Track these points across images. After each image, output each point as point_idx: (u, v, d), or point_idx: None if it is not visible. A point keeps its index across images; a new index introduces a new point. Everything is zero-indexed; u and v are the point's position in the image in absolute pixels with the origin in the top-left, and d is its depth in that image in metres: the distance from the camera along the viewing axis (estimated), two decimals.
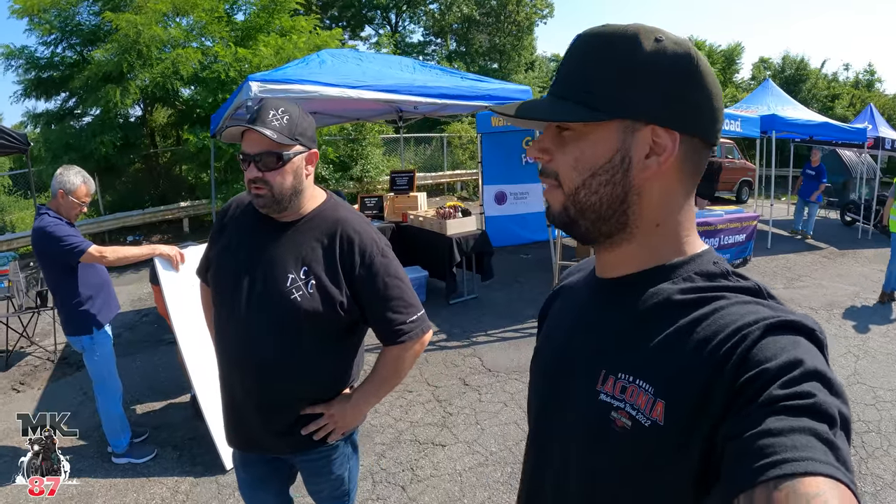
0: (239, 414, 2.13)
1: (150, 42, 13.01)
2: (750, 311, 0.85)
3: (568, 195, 0.98)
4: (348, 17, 31.76)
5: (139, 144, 15.48)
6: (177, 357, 5.13)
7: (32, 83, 14.52)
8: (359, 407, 2.15)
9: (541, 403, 1.17)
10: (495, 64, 31.57)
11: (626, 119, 0.92)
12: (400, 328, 2.05)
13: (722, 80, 34.15)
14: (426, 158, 22.33)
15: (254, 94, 5.34)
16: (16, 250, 12.97)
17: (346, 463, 2.30)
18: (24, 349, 7.47)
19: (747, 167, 19.78)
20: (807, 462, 0.66)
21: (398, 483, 3.99)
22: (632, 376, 0.91)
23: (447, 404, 5.03)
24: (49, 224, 3.93)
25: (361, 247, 2.01)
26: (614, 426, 0.91)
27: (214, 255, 2.17)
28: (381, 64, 7.77)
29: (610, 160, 0.93)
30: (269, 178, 1.91)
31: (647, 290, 0.97)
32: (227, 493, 3.96)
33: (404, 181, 9.35)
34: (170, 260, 4.24)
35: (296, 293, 1.95)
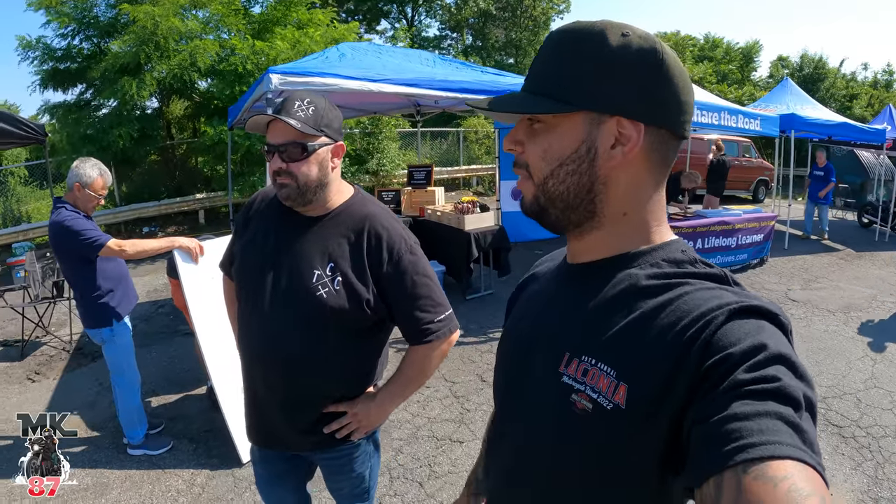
0: (261, 410, 2.10)
1: (167, 34, 13.02)
2: (714, 297, 0.86)
3: (538, 185, 1.00)
4: (364, 10, 31.72)
5: (156, 136, 15.47)
6: (194, 349, 5.13)
7: (49, 74, 14.53)
8: (383, 407, 2.12)
9: (505, 385, 1.19)
10: (511, 59, 31.48)
11: (592, 111, 0.94)
12: (427, 327, 2.01)
13: (739, 77, 33.91)
14: (442, 153, 22.23)
15: (274, 87, 5.31)
16: (32, 240, 13.08)
17: (368, 461, 2.27)
18: (40, 339, 7.50)
19: (764, 166, 19.60)
20: (774, 446, 0.68)
21: (416, 479, 3.97)
22: (594, 359, 0.92)
23: (465, 400, 5.00)
24: (67, 218, 3.91)
25: (389, 243, 1.97)
26: (574, 408, 0.92)
27: (239, 249, 2.13)
28: (400, 57, 7.73)
29: (576, 150, 0.96)
30: (293, 170, 1.88)
31: (614, 275, 0.99)
32: (244, 486, 3.94)
33: (422, 175, 9.33)
34: (189, 252, 4.22)
35: (321, 290, 1.91)
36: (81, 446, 4.64)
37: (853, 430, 4.63)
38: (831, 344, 6.43)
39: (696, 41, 36.10)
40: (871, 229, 13.83)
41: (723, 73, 32.99)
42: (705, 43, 36.16)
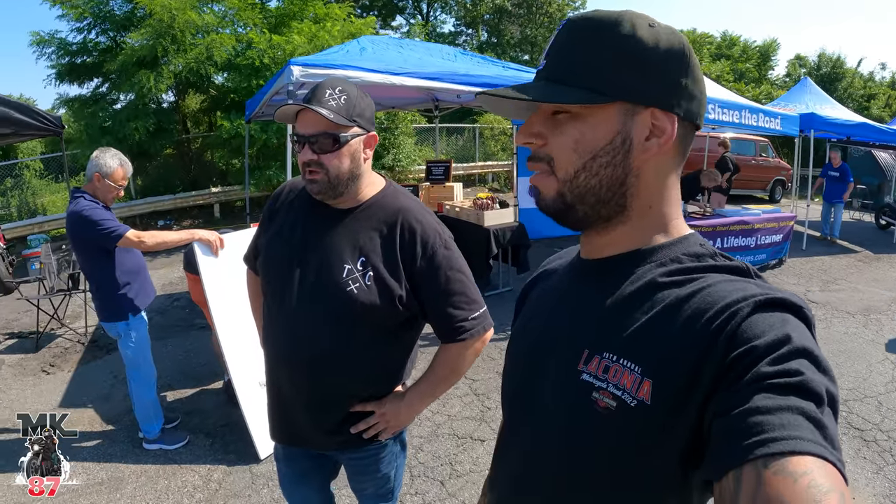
0: (286, 409, 2.04)
1: (184, 27, 13.02)
2: (738, 289, 0.85)
3: (564, 180, 0.97)
4: (379, 6, 31.66)
5: (171, 130, 15.48)
6: (211, 343, 5.09)
7: (65, 68, 14.56)
8: (413, 406, 2.05)
9: (517, 387, 1.16)
10: (526, 55, 31.40)
11: (628, 102, 0.92)
12: (461, 325, 1.94)
13: (757, 76, 33.66)
14: (458, 149, 22.14)
15: (295, 79, 5.27)
16: (47, 233, 13.11)
17: (394, 461, 2.20)
18: (55, 331, 7.50)
19: (781, 166, 19.41)
20: (795, 441, 0.68)
21: (437, 478, 3.91)
22: (616, 356, 0.91)
23: (485, 398, 4.93)
24: (85, 208, 3.86)
25: (423, 238, 1.90)
26: (596, 406, 0.91)
27: (265, 242, 2.06)
28: (421, 51, 7.67)
29: (611, 142, 0.94)
30: (324, 162, 1.80)
31: (635, 270, 0.98)
32: (262, 482, 3.90)
33: (440, 171, 9.28)
34: (209, 245, 4.16)
35: (352, 285, 1.83)
36: (96, 440, 4.61)
37: (874, 433, 4.56)
38: (851, 346, 6.34)
39: (713, 39, 35.82)
40: (889, 231, 13.65)
41: (740, 71, 32.74)
42: (722, 41, 35.90)
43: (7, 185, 15.93)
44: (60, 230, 13.88)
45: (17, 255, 11.05)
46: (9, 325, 8.09)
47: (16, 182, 16.28)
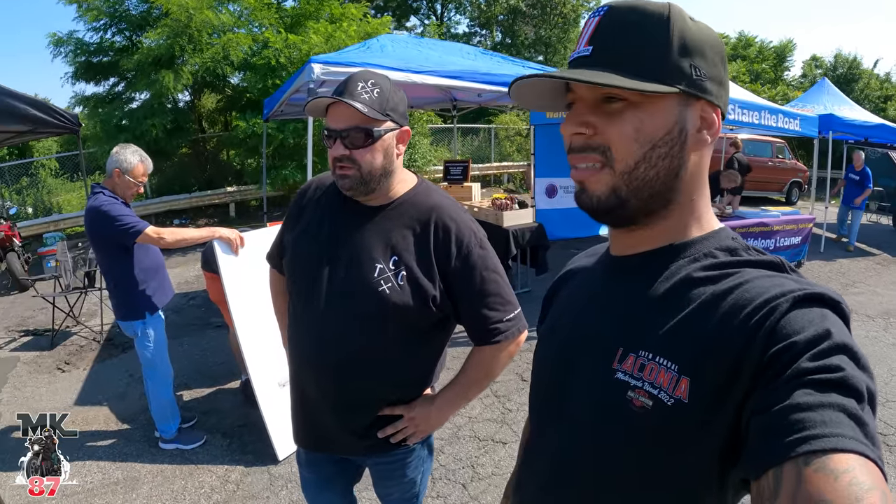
0: (311, 413, 1.97)
1: (200, 27, 13.05)
2: (776, 284, 0.84)
3: (623, 172, 0.93)
4: (393, 6, 31.70)
5: (188, 129, 15.55)
6: (229, 342, 5.05)
7: (82, 67, 14.66)
8: (444, 410, 1.98)
9: (546, 388, 1.14)
10: (541, 56, 31.34)
11: (686, 92, 0.91)
12: (496, 327, 1.87)
13: (773, 77, 33.43)
14: (473, 149, 22.12)
15: (316, 76, 5.23)
16: (63, 230, 13.18)
17: (421, 466, 2.14)
18: (70, 329, 7.50)
19: (798, 168, 19.17)
20: (836, 438, 0.67)
21: (458, 481, 3.84)
22: (652, 354, 0.90)
23: (506, 400, 4.87)
24: (104, 203, 3.81)
25: (458, 236, 1.83)
26: (632, 406, 0.89)
27: (291, 240, 1.98)
28: (441, 50, 7.64)
29: (669, 132, 0.92)
30: (356, 157, 1.73)
31: (669, 266, 0.97)
32: (280, 484, 3.84)
33: (458, 171, 9.23)
34: (229, 243, 4.10)
35: (384, 285, 1.76)
36: (111, 439, 4.58)
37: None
38: (872, 350, 6.23)
39: (729, 39, 35.60)
40: None
41: (756, 72, 32.49)
42: (738, 41, 35.61)
43: (23, 184, 16.04)
44: (76, 228, 13.98)
45: (32, 253, 11.12)
46: (24, 323, 8.09)
47: (31, 181, 16.38)
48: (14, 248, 9.93)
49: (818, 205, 12.84)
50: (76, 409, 5.16)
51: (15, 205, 13.76)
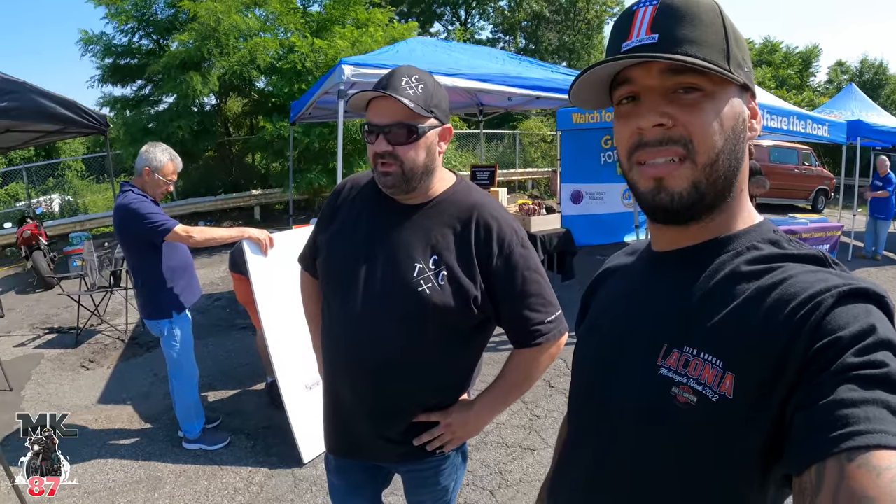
0: (345, 419, 1.91)
1: (228, 30, 13.13)
2: (820, 280, 0.83)
3: (704, 165, 0.91)
4: (417, 12, 31.84)
5: (214, 132, 15.68)
6: (256, 344, 5.03)
7: (109, 69, 14.82)
8: (482, 416, 1.92)
9: (587, 389, 1.13)
10: (564, 62, 31.29)
11: (745, 83, 0.93)
12: (537, 328, 1.80)
13: (798, 83, 33.20)
14: (498, 155, 22.14)
15: (346, 78, 5.22)
16: (88, 231, 13.31)
17: (454, 474, 2.07)
18: (95, 327, 7.54)
19: (824, 175, 18.87)
20: (879, 435, 0.67)
21: (486, 487, 3.78)
22: (696, 349, 0.89)
23: (534, 406, 4.80)
24: (133, 201, 3.80)
25: (500, 235, 1.77)
26: (676, 402, 0.88)
27: (325, 241, 1.93)
28: (470, 54, 7.63)
29: (738, 122, 0.92)
30: (399, 153, 1.68)
31: (713, 260, 0.96)
32: (305, 487, 3.80)
33: (485, 176, 9.19)
34: (259, 244, 4.06)
35: (424, 285, 1.71)
36: (134, 438, 4.58)
37: None
38: None
39: (753, 45, 35.35)
40: None
41: (781, 77, 32.22)
42: (763, 46, 35.38)
43: (49, 185, 16.23)
44: (101, 229, 14.12)
45: (58, 252, 11.23)
46: (49, 321, 8.17)
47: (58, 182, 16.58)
48: (40, 247, 10.07)
49: (845, 213, 12.62)
50: (99, 407, 5.18)
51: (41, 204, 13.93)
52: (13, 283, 10.76)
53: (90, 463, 4.23)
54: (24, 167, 15.84)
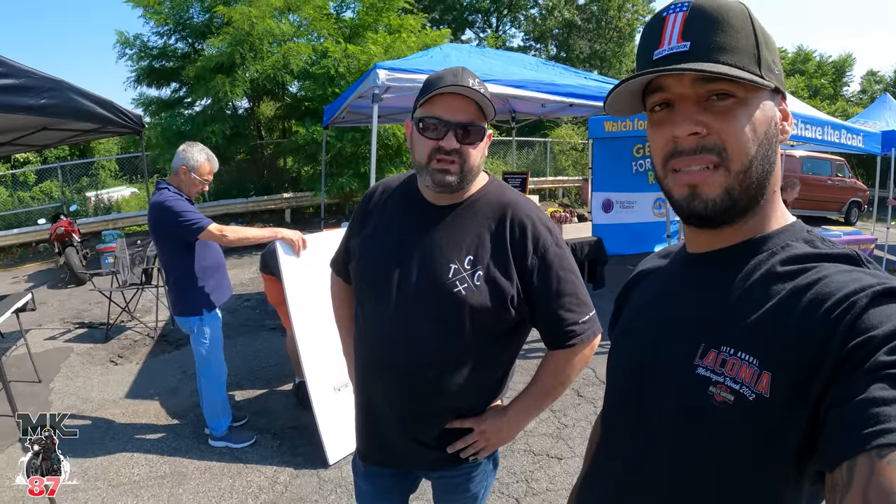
0: (377, 424, 1.90)
1: (262, 35, 13.29)
2: (854, 279, 0.83)
3: (738, 172, 0.92)
4: (449, 20, 31.92)
5: (246, 135, 15.87)
6: (285, 345, 5.04)
7: (145, 71, 15.09)
8: (516, 422, 1.88)
9: (622, 393, 1.13)
10: (596, 70, 31.21)
11: (777, 86, 0.93)
12: (571, 329, 1.76)
13: (832, 92, 32.76)
14: (529, 163, 22.07)
15: (381, 82, 5.25)
16: (121, 229, 13.50)
17: (485, 481, 2.03)
18: (125, 324, 7.64)
19: (857, 187, 18.42)
20: None
21: (512, 495, 3.74)
22: (733, 349, 0.89)
23: (562, 415, 4.76)
24: (168, 199, 3.85)
25: (535, 234, 1.74)
26: (713, 401, 0.89)
27: (358, 245, 1.91)
28: (503, 60, 7.62)
29: (770, 126, 0.93)
30: (466, 152, 1.67)
31: (748, 261, 0.96)
32: (329, 488, 3.80)
33: (517, 183, 9.11)
34: (292, 245, 4.07)
35: (460, 286, 1.68)
36: (161, 433, 4.63)
37: None
38: None
39: (786, 53, 34.94)
40: None
41: (815, 87, 31.80)
42: (796, 55, 34.96)
43: (83, 184, 16.47)
44: (134, 227, 14.30)
45: (91, 249, 11.40)
46: (80, 315, 8.31)
47: (91, 181, 16.83)
48: (73, 244, 10.23)
49: (879, 225, 12.38)
50: (127, 402, 5.24)
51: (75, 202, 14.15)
52: (46, 278, 10.96)
53: (116, 456, 4.28)
54: (59, 165, 16.13)
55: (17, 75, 3.53)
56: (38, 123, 5.83)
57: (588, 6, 31.53)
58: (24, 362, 6.08)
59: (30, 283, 10.54)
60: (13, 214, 14.92)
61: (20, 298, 5.86)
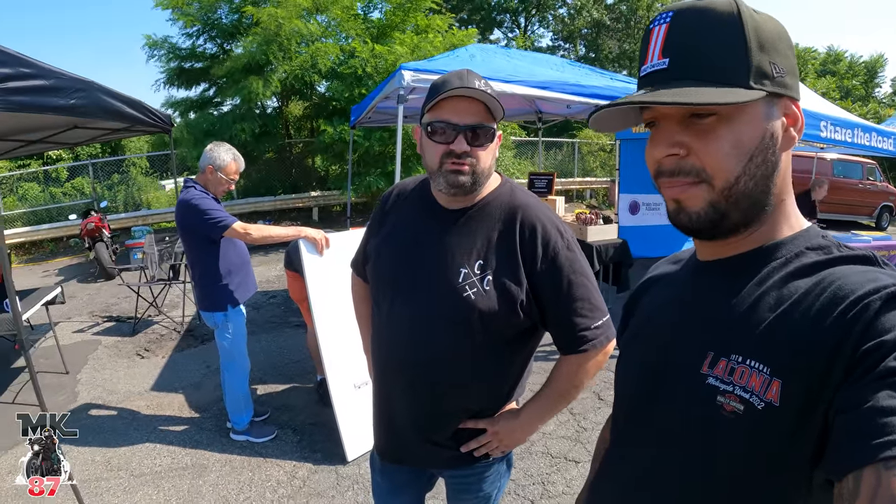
0: (392, 422, 1.92)
1: (290, 35, 13.40)
2: (870, 279, 0.80)
3: (722, 189, 0.90)
4: (477, 20, 31.90)
5: (275, 134, 16.03)
6: (307, 341, 5.09)
7: (174, 72, 15.31)
8: (529, 424, 1.89)
9: (632, 400, 1.12)
10: (625, 70, 31.00)
11: (772, 93, 0.88)
12: (583, 334, 1.76)
13: (864, 93, 32.16)
14: (556, 164, 21.95)
15: (406, 83, 5.25)
16: (150, 226, 13.69)
17: (498, 481, 2.05)
18: (152, 318, 7.78)
19: (889, 191, 17.82)
20: None
21: (528, 497, 3.74)
22: (742, 357, 0.87)
23: (581, 418, 4.74)
24: (195, 196, 3.92)
25: (545, 237, 1.74)
26: (722, 411, 0.87)
27: (374, 247, 1.95)
28: (529, 61, 7.60)
29: (762, 139, 0.89)
30: (477, 155, 1.68)
31: (760, 269, 0.93)
32: (346, 484, 3.83)
33: (543, 184, 9.11)
34: (315, 243, 4.13)
35: (469, 290, 1.70)
36: (183, 425, 4.72)
37: None
38: None
39: (817, 54, 34.37)
40: None
41: (846, 88, 31.16)
42: (827, 56, 34.32)
43: (114, 180, 16.73)
44: (163, 224, 14.49)
45: (120, 245, 11.59)
46: (108, 309, 8.46)
47: (122, 178, 17.09)
48: (103, 239, 10.40)
49: None
50: (151, 394, 5.34)
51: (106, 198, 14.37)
52: (75, 273, 11.17)
53: (139, 447, 4.37)
54: (91, 162, 16.34)
55: (46, 76, 3.61)
56: (68, 122, 5.95)
57: (617, 6, 31.37)
58: (52, 354, 6.21)
59: (60, 277, 10.74)
60: (45, 210, 15.17)
61: (50, 291, 5.99)
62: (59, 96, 3.85)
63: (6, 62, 3.19)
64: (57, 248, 13.90)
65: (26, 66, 3.39)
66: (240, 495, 3.78)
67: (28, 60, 3.42)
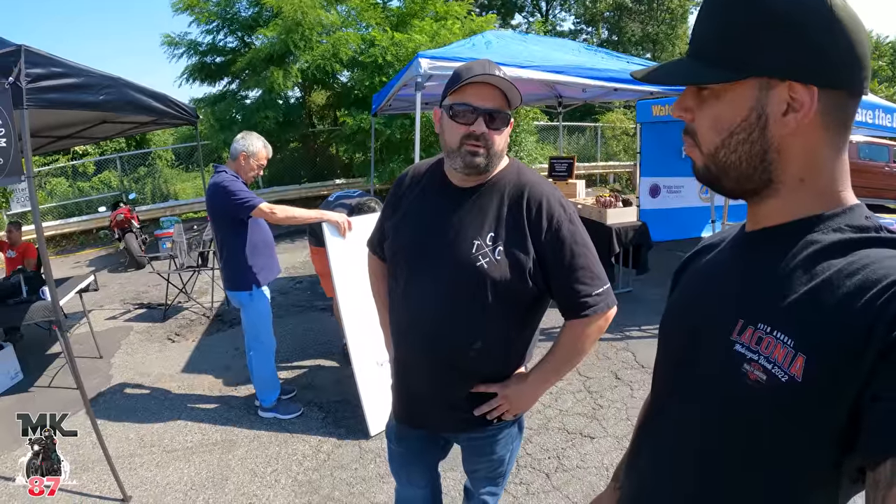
0: (410, 386, 2.07)
1: (312, 25, 13.51)
2: None
3: (707, 155, 0.97)
4: (498, 5, 31.73)
5: (298, 123, 16.17)
6: (330, 319, 5.23)
7: (196, 67, 15.51)
8: (536, 387, 2.02)
9: (670, 357, 1.15)
10: (648, 54, 30.75)
11: (761, 76, 0.88)
12: (585, 300, 1.88)
13: (890, 74, 31.45)
14: (579, 148, 21.79)
15: (424, 71, 5.33)
16: (178, 216, 13.93)
17: (510, 444, 2.18)
18: (182, 304, 8.00)
19: None
20: None
21: (543, 470, 3.84)
22: (770, 327, 0.87)
23: (598, 396, 4.82)
24: (226, 179, 4.09)
25: (549, 211, 1.87)
26: (747, 379, 0.88)
27: (391, 226, 2.08)
28: (545, 46, 7.63)
29: (746, 119, 0.90)
30: (492, 138, 1.82)
31: (795, 241, 0.93)
32: (369, 458, 3.98)
33: (563, 168, 9.16)
34: (337, 226, 4.26)
35: (482, 260, 1.82)
36: (213, 404, 4.90)
37: None
38: None
39: None
40: None
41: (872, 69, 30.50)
42: None
43: (141, 173, 17.00)
44: (190, 214, 14.73)
45: (149, 235, 11.82)
46: (139, 297, 8.70)
47: (149, 170, 17.36)
48: (132, 230, 10.63)
49: None
50: (182, 376, 5.55)
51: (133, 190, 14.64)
52: (106, 263, 11.47)
53: (171, 424, 4.57)
54: (118, 156, 16.61)
55: (76, 74, 3.77)
56: (98, 117, 6.16)
57: None
58: (86, 339, 6.45)
59: (91, 268, 10.97)
60: (74, 203, 15.50)
61: (84, 279, 6.19)
62: (89, 93, 4.01)
63: (39, 63, 3.35)
64: (87, 240, 14.24)
65: (57, 66, 3.55)
66: (267, 468, 3.94)
67: (59, 60, 3.58)
